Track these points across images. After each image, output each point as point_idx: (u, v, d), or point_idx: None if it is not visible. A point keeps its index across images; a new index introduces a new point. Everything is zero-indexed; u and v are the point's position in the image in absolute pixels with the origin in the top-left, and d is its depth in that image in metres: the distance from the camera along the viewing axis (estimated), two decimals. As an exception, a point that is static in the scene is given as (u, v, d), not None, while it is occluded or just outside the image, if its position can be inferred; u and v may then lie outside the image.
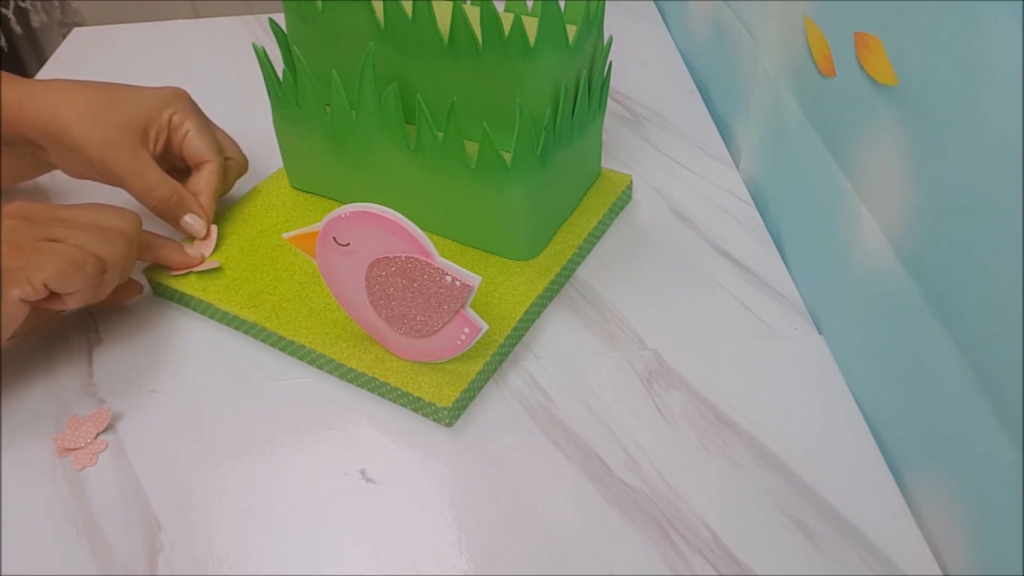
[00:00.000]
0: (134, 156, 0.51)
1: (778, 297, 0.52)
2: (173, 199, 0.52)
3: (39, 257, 0.43)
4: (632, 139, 0.67)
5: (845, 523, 0.40)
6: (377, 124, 0.51)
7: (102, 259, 0.45)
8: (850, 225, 0.46)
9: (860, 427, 0.44)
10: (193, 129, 0.54)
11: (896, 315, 0.42)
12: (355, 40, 0.52)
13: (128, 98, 0.53)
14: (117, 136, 0.51)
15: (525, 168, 0.48)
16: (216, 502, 0.42)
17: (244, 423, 0.46)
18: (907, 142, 0.39)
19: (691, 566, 0.39)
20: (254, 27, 0.87)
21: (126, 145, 0.51)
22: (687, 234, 0.57)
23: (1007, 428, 0.33)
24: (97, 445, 0.44)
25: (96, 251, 0.45)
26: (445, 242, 0.54)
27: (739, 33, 0.63)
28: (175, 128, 0.54)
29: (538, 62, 0.48)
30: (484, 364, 0.46)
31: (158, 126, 0.53)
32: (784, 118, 0.55)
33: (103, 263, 0.45)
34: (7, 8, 1.40)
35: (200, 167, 0.55)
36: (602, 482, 0.42)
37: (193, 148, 0.54)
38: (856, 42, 0.43)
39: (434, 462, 0.44)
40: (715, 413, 0.45)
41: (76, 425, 0.45)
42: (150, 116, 0.53)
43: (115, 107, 0.52)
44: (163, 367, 0.49)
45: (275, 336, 0.49)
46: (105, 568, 0.40)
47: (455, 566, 0.39)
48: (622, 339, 0.50)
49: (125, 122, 0.51)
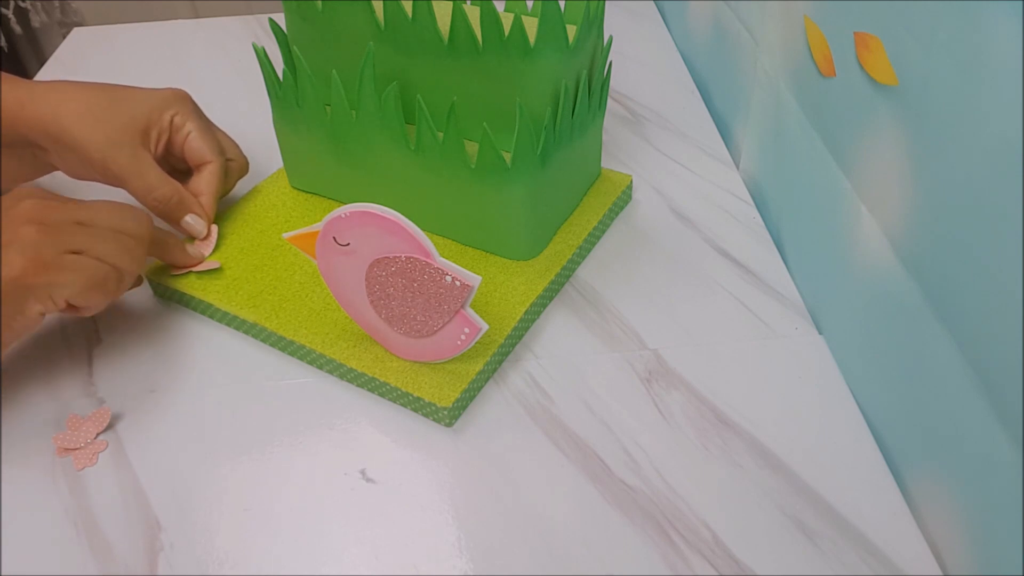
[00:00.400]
0: (134, 157, 0.51)
1: (778, 297, 0.52)
2: (174, 200, 0.52)
3: (63, 275, 0.42)
4: (632, 139, 0.67)
5: (845, 523, 0.40)
6: (377, 124, 0.51)
7: (121, 270, 0.45)
8: (850, 225, 0.46)
9: (860, 427, 0.44)
10: (195, 130, 0.54)
11: (896, 315, 0.42)
12: (355, 40, 0.52)
13: (129, 99, 0.53)
14: (117, 136, 0.51)
15: (525, 168, 0.48)
16: (216, 502, 0.42)
17: (244, 423, 0.46)
18: (907, 142, 0.39)
19: (691, 566, 0.39)
20: (254, 27, 0.87)
21: (127, 145, 0.51)
22: (687, 234, 0.57)
23: (1007, 428, 0.33)
24: (97, 445, 0.44)
25: (117, 263, 0.45)
26: (445, 242, 0.54)
27: (739, 33, 0.64)
28: (176, 129, 0.54)
29: (538, 62, 0.48)
30: (484, 364, 0.46)
31: (159, 127, 0.53)
32: (784, 118, 0.55)
33: (121, 273, 0.45)
34: (7, 8, 1.41)
35: (201, 168, 0.55)
36: (602, 482, 0.42)
37: (195, 149, 0.54)
38: (856, 42, 0.43)
39: (434, 462, 0.44)
40: (715, 413, 0.45)
41: (76, 425, 0.45)
42: (151, 117, 0.53)
43: (116, 108, 0.52)
44: (163, 367, 0.49)
45: (275, 336, 0.49)
46: (105, 568, 0.40)
47: (455, 566, 0.39)
48: (622, 339, 0.50)
49: (126, 123, 0.51)
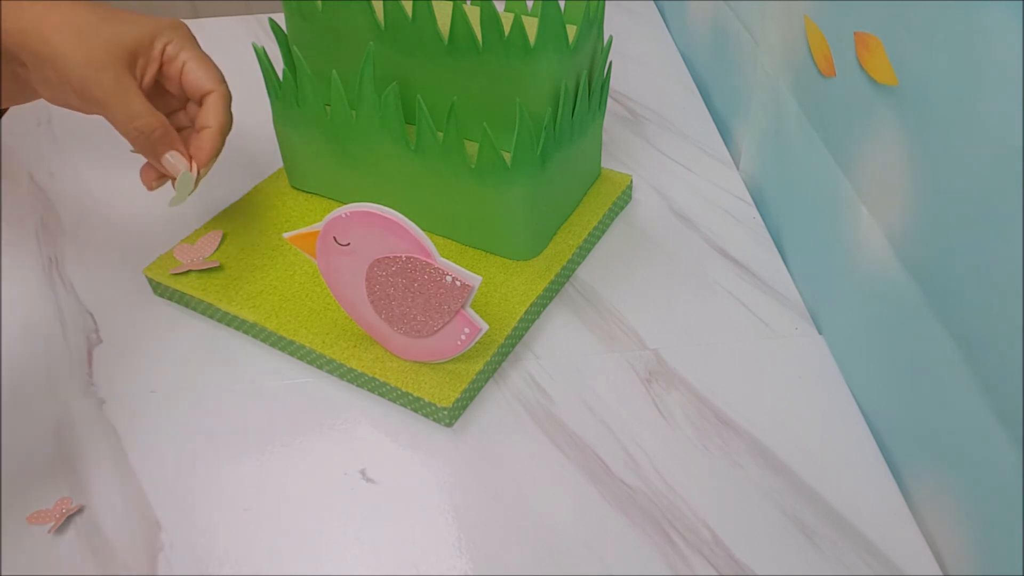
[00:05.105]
0: (117, 80, 0.46)
1: (778, 297, 0.52)
2: (157, 132, 0.47)
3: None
4: (632, 139, 0.67)
5: (845, 523, 0.40)
6: (377, 124, 0.51)
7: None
8: (850, 225, 0.46)
9: (860, 427, 0.44)
10: (192, 59, 0.49)
11: (896, 315, 0.42)
12: (355, 40, 0.52)
13: (121, 19, 0.48)
14: (101, 56, 0.46)
15: (525, 168, 0.48)
16: (216, 502, 0.42)
17: (244, 423, 0.46)
18: (907, 142, 0.39)
19: (691, 566, 0.39)
20: (254, 27, 0.87)
21: (110, 67, 0.46)
22: (687, 234, 0.57)
23: (1007, 428, 0.33)
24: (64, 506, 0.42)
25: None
26: (445, 242, 0.54)
27: (739, 33, 0.63)
28: (170, 60, 0.49)
29: (538, 62, 0.48)
30: (484, 364, 0.46)
31: (147, 56, 0.48)
32: (784, 118, 0.55)
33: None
34: (7, 8, 1.40)
35: (203, 99, 0.50)
36: (602, 482, 0.42)
37: (193, 79, 0.49)
38: (856, 42, 0.43)
39: (434, 462, 0.44)
40: (715, 413, 0.45)
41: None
42: (141, 42, 0.48)
43: (104, 25, 0.47)
44: (163, 367, 0.49)
45: (275, 336, 0.49)
46: (105, 568, 0.40)
47: (455, 566, 0.39)
48: (622, 339, 0.50)
49: (112, 43, 0.47)
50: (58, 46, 0.45)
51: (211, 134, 0.49)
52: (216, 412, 0.46)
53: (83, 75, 0.46)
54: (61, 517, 0.41)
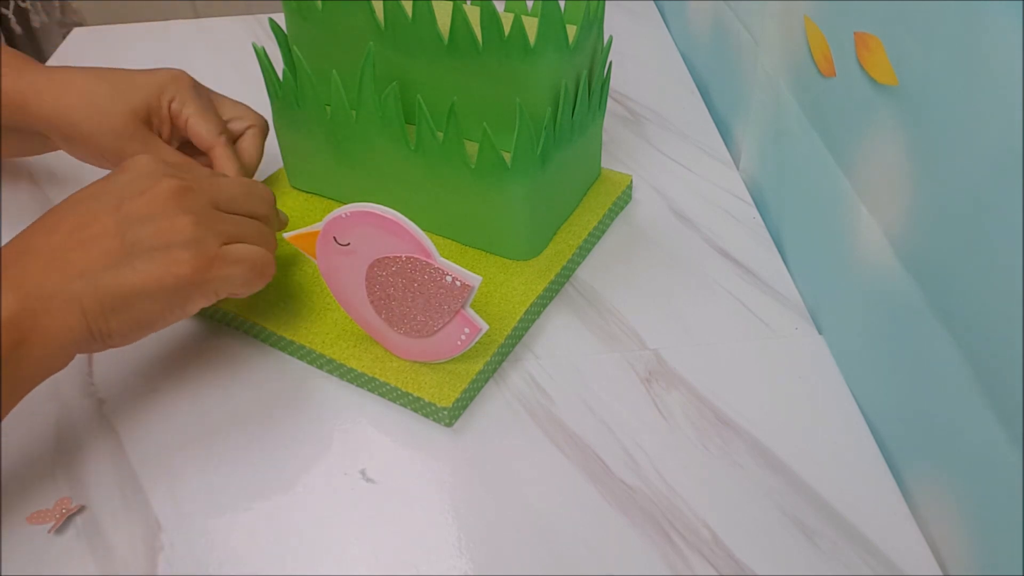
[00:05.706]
0: (145, 142, 0.52)
1: (778, 297, 0.52)
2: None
3: (228, 268, 0.42)
4: (632, 139, 0.67)
5: (845, 523, 0.40)
6: (377, 124, 0.51)
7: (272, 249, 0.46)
8: (850, 225, 0.46)
9: (860, 427, 0.44)
10: (192, 114, 0.53)
11: (896, 315, 0.42)
12: (355, 40, 0.52)
13: (128, 83, 0.53)
14: (124, 126, 0.51)
15: (525, 168, 0.48)
16: (216, 502, 0.42)
17: (244, 423, 0.46)
18: (907, 142, 0.39)
19: (691, 566, 0.39)
20: (254, 27, 0.87)
21: (136, 134, 0.52)
22: (687, 234, 0.57)
23: (1007, 428, 0.33)
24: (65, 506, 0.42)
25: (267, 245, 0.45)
26: (445, 242, 0.54)
27: (739, 33, 0.64)
28: (176, 115, 0.53)
29: (538, 62, 0.48)
30: (484, 364, 0.46)
31: (160, 115, 0.53)
32: (784, 118, 0.55)
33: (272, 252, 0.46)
34: (7, 8, 1.41)
35: (209, 153, 0.54)
36: (602, 482, 0.42)
37: (195, 136, 0.53)
38: (856, 42, 0.43)
39: (434, 462, 0.44)
40: (715, 413, 0.45)
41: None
42: (151, 104, 0.53)
43: (118, 96, 0.52)
44: (163, 367, 0.49)
45: (275, 336, 0.49)
46: (105, 568, 0.40)
47: (455, 566, 0.39)
48: (622, 339, 0.50)
49: (130, 112, 0.52)
50: (86, 128, 0.52)
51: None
52: (216, 412, 0.46)
53: (115, 146, 0.52)
54: (61, 517, 0.41)
